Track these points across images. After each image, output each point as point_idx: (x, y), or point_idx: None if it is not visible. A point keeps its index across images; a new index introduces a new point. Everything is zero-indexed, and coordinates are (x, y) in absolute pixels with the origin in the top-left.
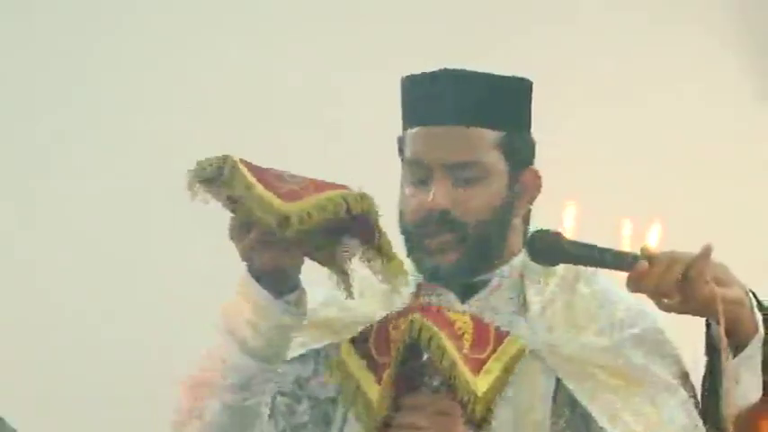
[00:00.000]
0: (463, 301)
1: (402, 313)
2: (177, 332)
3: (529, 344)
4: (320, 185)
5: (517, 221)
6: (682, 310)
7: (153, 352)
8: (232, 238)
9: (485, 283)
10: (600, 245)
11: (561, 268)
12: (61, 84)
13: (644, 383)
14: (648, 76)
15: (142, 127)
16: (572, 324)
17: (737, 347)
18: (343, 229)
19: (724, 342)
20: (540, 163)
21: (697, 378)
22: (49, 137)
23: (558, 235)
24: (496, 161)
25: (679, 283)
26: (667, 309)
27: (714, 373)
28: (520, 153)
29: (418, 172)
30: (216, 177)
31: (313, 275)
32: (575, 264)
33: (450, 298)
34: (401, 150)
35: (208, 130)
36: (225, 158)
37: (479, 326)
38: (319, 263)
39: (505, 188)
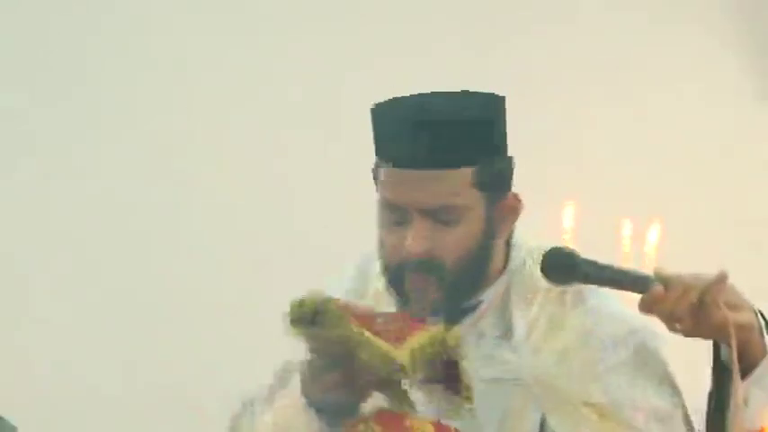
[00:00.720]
0: (454, 316)
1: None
2: (178, 333)
3: (514, 372)
4: (412, 325)
5: (499, 245)
6: (692, 333)
7: (151, 352)
8: (311, 376)
9: (472, 308)
10: (615, 265)
11: (545, 285)
12: (60, 83)
13: (633, 424)
14: (648, 76)
15: (141, 127)
16: (558, 348)
17: (745, 369)
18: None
19: (736, 367)
20: (540, 163)
21: (689, 395)
22: (47, 136)
23: (572, 253)
24: (475, 197)
25: (693, 308)
26: (678, 332)
27: (721, 393)
28: (498, 182)
29: (394, 214)
30: (314, 319)
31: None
32: (588, 283)
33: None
34: (376, 180)
35: (207, 131)
36: (324, 301)
37: (440, 430)
38: (386, 395)
39: (485, 221)
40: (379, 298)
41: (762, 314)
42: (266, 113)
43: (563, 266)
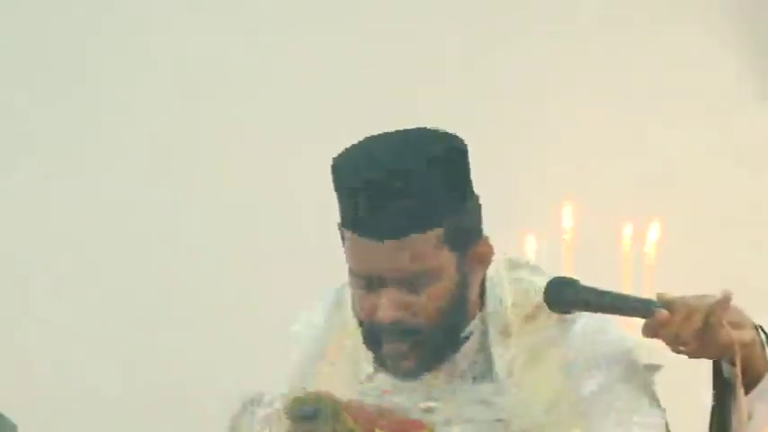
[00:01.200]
0: (429, 371)
1: None
2: (178, 333)
3: (496, 413)
4: (405, 423)
5: (473, 291)
6: (697, 355)
7: (151, 352)
8: None
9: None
10: (616, 290)
11: (523, 318)
12: (60, 83)
13: None
14: (648, 76)
15: (141, 127)
16: (543, 395)
17: (747, 384)
18: None
19: (740, 385)
20: (540, 163)
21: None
22: (47, 136)
23: (573, 282)
24: (445, 257)
25: (698, 330)
26: (682, 354)
27: (723, 409)
28: (468, 234)
29: (362, 281)
30: (314, 415)
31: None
32: (590, 311)
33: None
34: (344, 240)
35: (207, 131)
36: (324, 397)
37: None
38: None
39: (457, 277)
40: (354, 327)
41: (762, 329)
42: (266, 113)
43: (564, 294)
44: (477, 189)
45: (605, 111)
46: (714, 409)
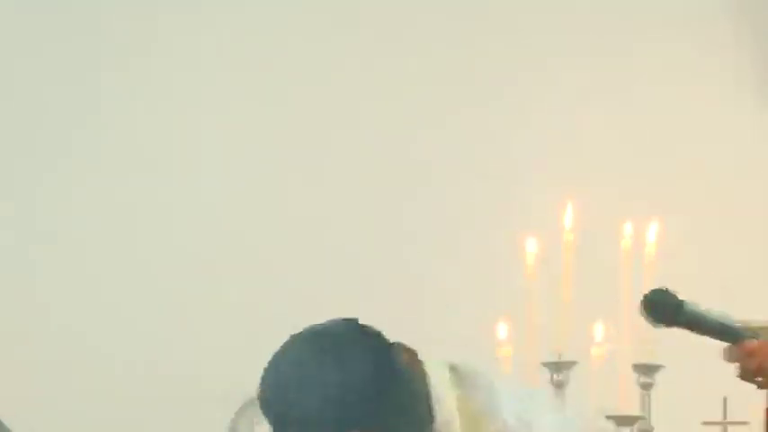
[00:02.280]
0: None
1: None
2: (179, 332)
3: None
4: None
5: None
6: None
7: (152, 352)
8: None
9: None
10: (714, 313)
11: None
12: (60, 83)
13: None
14: (648, 76)
15: (142, 127)
16: None
17: None
18: None
19: None
20: (541, 162)
21: None
22: (51, 137)
23: (676, 295)
24: None
25: None
26: (756, 384)
27: None
28: None
29: None
30: None
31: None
32: (685, 327)
33: None
34: None
35: (209, 131)
36: None
37: None
38: None
39: None
40: None
41: None
42: (267, 114)
43: (667, 306)
44: (477, 189)
45: (606, 111)
46: None
